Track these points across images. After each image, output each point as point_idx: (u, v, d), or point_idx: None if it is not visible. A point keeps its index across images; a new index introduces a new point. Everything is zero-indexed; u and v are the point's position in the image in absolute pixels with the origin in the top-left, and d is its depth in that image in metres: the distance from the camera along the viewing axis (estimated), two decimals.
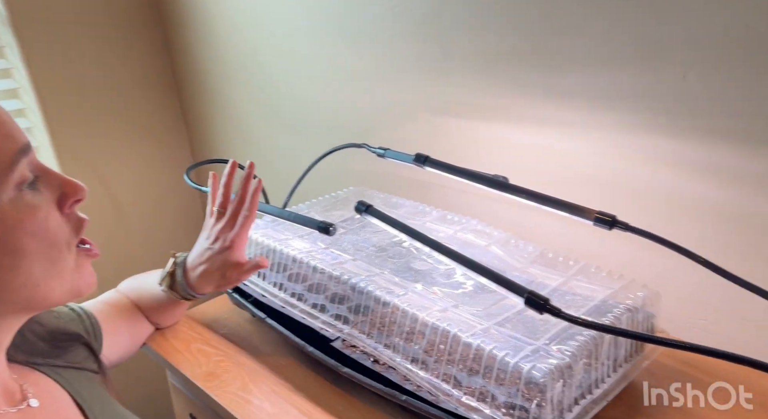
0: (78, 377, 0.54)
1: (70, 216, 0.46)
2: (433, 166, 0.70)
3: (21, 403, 0.45)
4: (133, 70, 1.34)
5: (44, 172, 0.44)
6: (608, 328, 0.45)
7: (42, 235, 0.42)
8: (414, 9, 0.84)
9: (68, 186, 0.45)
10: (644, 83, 0.64)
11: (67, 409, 0.49)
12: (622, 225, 0.53)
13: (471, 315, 0.58)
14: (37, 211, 0.42)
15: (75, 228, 0.46)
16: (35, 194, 0.43)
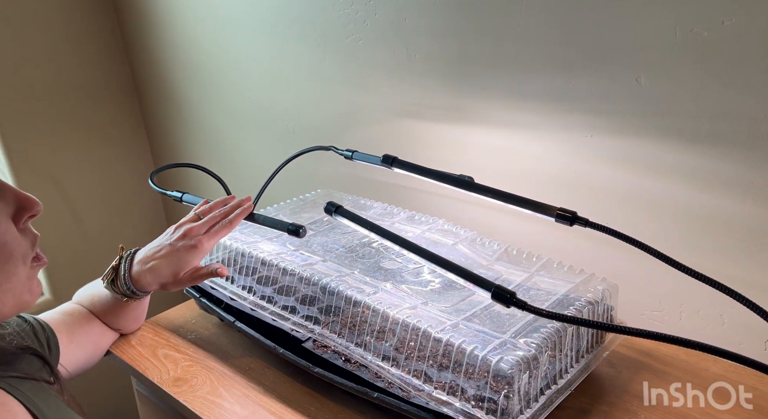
0: (33, 388, 0.52)
1: (25, 231, 0.46)
2: (401, 167, 0.71)
3: None
4: (90, 73, 1.31)
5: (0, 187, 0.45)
6: (572, 319, 0.47)
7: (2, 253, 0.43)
8: (378, 13, 0.86)
9: (24, 201, 0.45)
10: (600, 86, 0.68)
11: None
12: (582, 221, 0.55)
13: (440, 312, 0.59)
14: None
15: (31, 243, 0.46)
16: None
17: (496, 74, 0.76)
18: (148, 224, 1.47)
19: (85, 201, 1.36)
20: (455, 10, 0.77)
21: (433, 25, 0.80)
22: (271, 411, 0.61)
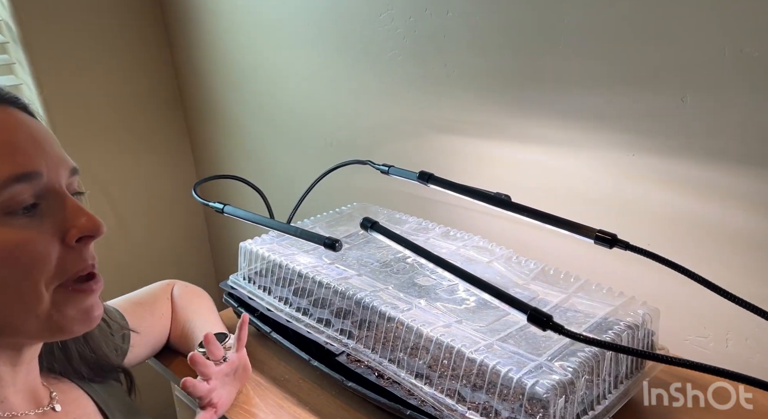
0: (105, 387, 0.55)
1: (77, 251, 0.42)
2: (437, 184, 0.71)
3: (45, 407, 0.47)
4: (139, 86, 1.36)
5: (55, 200, 0.42)
6: (610, 345, 0.46)
7: (13, 263, 0.39)
8: (417, 29, 0.87)
9: (74, 220, 0.41)
10: (643, 105, 0.66)
11: (90, 416, 0.50)
12: (623, 244, 0.54)
13: (474, 331, 0.59)
14: (14, 237, 0.39)
15: (71, 264, 0.42)
16: (29, 221, 0.40)
17: (536, 91, 0.76)
18: (190, 234, 1.52)
19: (130, 209, 1.41)
20: (495, 27, 0.77)
21: (473, 42, 0.81)
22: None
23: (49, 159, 0.42)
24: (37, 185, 0.40)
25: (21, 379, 0.46)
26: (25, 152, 0.40)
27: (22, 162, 0.39)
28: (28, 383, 0.47)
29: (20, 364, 0.46)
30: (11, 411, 0.45)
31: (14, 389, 0.46)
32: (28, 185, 0.39)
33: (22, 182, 0.39)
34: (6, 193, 0.39)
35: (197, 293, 0.77)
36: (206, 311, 0.74)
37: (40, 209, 0.41)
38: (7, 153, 0.39)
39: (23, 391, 0.47)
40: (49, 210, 0.41)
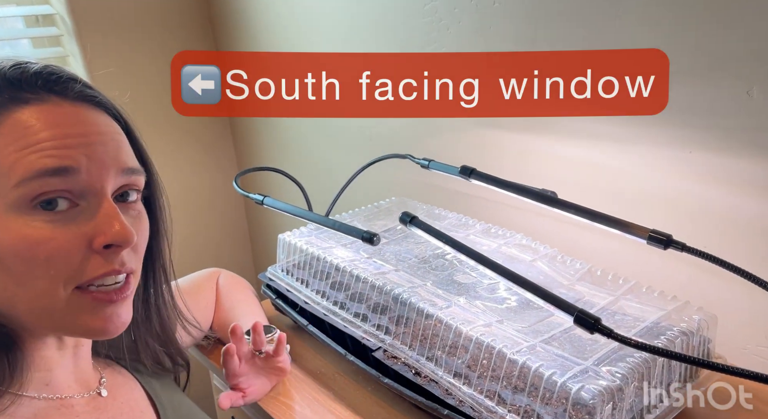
0: (153, 373, 0.56)
1: (102, 256, 0.41)
2: (480, 179, 0.69)
3: (93, 392, 0.48)
4: None
5: (93, 201, 0.41)
6: (663, 351, 0.44)
7: (31, 259, 0.38)
8: (462, 21, 0.85)
9: (105, 226, 0.40)
10: (704, 98, 0.62)
11: (137, 402, 0.51)
12: (679, 245, 0.51)
13: (516, 331, 0.57)
14: (36, 233, 0.38)
15: (93, 268, 0.40)
16: (58, 217, 0.39)
17: None
18: (230, 225, 1.55)
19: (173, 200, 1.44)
20: (543, 18, 0.74)
21: (519, 33, 0.78)
22: (340, 417, 0.61)
23: (95, 158, 0.40)
24: (74, 181, 0.39)
25: (68, 362, 0.47)
26: (66, 147, 0.39)
27: (60, 156, 0.39)
28: (77, 366, 0.48)
29: (65, 348, 0.47)
30: (59, 394, 0.46)
31: (62, 371, 0.46)
32: (62, 179, 0.39)
33: (56, 177, 0.39)
34: (37, 185, 0.38)
35: (242, 284, 0.78)
36: (250, 301, 0.75)
37: (78, 208, 0.40)
38: (49, 146, 0.39)
39: (72, 374, 0.47)
40: (86, 211, 0.40)
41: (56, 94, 0.41)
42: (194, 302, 0.71)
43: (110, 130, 0.43)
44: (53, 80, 0.41)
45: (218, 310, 0.74)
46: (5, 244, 0.38)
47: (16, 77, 0.40)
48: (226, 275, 0.78)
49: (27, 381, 0.43)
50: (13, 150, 0.38)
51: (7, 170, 0.38)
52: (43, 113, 0.40)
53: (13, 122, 0.39)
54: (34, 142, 0.39)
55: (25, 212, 0.38)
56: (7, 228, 0.38)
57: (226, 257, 1.56)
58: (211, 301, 0.75)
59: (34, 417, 0.43)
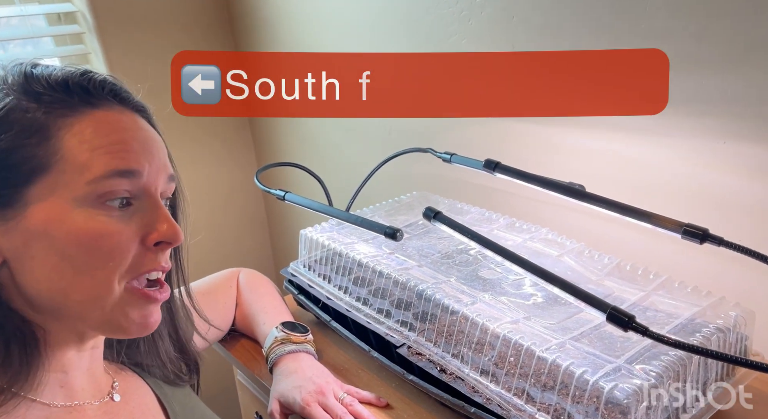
0: (165, 378, 0.56)
1: (153, 253, 0.44)
2: (504, 172, 0.68)
3: (105, 397, 0.48)
4: None
5: (147, 202, 0.44)
6: (699, 349, 0.42)
7: (96, 251, 0.41)
8: (484, 12, 0.83)
9: (158, 224, 0.44)
10: (738, 87, 0.60)
11: (149, 407, 0.51)
12: (716, 239, 0.49)
13: (544, 328, 0.55)
14: (101, 226, 0.41)
15: (145, 263, 0.44)
16: (121, 215, 0.42)
17: None
18: (249, 220, 1.55)
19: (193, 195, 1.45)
20: (568, 8, 0.72)
21: (543, 23, 0.76)
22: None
23: (153, 163, 0.44)
24: (136, 183, 0.43)
25: (85, 365, 0.47)
26: (133, 152, 0.43)
27: (128, 159, 0.42)
28: (90, 370, 0.48)
29: (84, 350, 0.47)
30: (75, 400, 0.46)
31: (78, 373, 0.47)
32: (128, 181, 0.42)
33: (123, 178, 0.42)
34: (107, 184, 0.41)
35: (264, 280, 0.78)
36: (274, 297, 0.75)
37: (132, 207, 0.43)
38: (119, 149, 0.42)
39: (87, 378, 0.48)
40: (139, 210, 0.44)
41: (119, 102, 0.45)
42: (212, 303, 0.71)
43: (159, 138, 0.48)
44: (116, 90, 0.46)
45: (240, 307, 0.74)
46: (71, 234, 0.41)
47: (85, 82, 0.44)
48: (247, 273, 0.78)
49: (42, 382, 0.43)
50: (86, 149, 0.41)
51: (79, 166, 0.41)
52: (111, 118, 0.44)
53: (86, 123, 0.42)
54: (106, 143, 0.42)
55: (90, 206, 0.41)
56: (73, 220, 0.41)
57: (247, 252, 1.56)
58: (232, 300, 0.74)
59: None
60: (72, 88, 0.43)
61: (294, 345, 0.66)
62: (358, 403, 0.61)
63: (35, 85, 0.42)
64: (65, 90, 0.43)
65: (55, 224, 0.40)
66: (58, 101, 0.42)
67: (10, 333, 0.42)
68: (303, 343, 0.67)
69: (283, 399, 0.61)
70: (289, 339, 0.66)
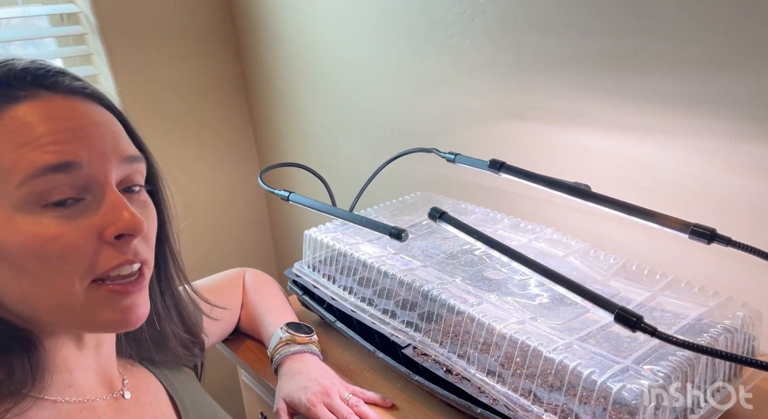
0: (175, 372, 0.56)
1: (115, 247, 0.40)
2: (510, 172, 0.68)
3: (116, 394, 0.48)
4: (207, 75, 1.40)
5: (98, 193, 0.40)
6: (708, 350, 0.42)
7: (45, 257, 0.38)
8: (487, 12, 0.83)
9: (114, 216, 0.40)
10: (744, 87, 0.60)
11: (160, 404, 0.51)
12: (723, 239, 0.49)
13: (551, 329, 0.55)
14: (46, 231, 0.38)
15: (106, 260, 0.40)
16: (67, 213, 0.39)
17: (619, 74, 0.70)
18: (251, 221, 1.55)
19: (195, 196, 1.45)
20: (574, 6, 0.72)
21: (548, 23, 0.76)
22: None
23: (94, 150, 0.40)
24: (78, 175, 0.39)
25: (90, 363, 0.47)
26: (65, 141, 0.39)
27: (59, 151, 0.38)
28: (99, 367, 0.48)
29: (86, 348, 0.46)
30: (82, 397, 0.45)
31: (84, 373, 0.46)
32: (66, 175, 0.38)
33: (60, 172, 0.38)
34: (41, 183, 0.38)
35: (269, 281, 0.77)
36: (279, 297, 0.75)
37: (84, 202, 0.40)
38: (48, 142, 0.38)
39: (95, 375, 0.47)
40: (92, 203, 0.40)
41: (47, 89, 0.40)
42: (220, 301, 0.70)
43: (105, 120, 0.42)
44: (42, 75, 0.40)
45: (245, 307, 0.74)
46: (18, 244, 0.38)
47: (4, 75, 0.39)
48: (253, 273, 0.78)
49: (49, 383, 0.42)
50: (11, 149, 0.38)
51: (8, 170, 0.37)
52: (37, 109, 0.39)
53: (7, 121, 0.38)
54: (32, 138, 0.38)
55: (32, 210, 0.38)
56: (17, 228, 0.38)
57: (249, 253, 1.56)
58: (237, 299, 0.75)
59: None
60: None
61: (299, 345, 0.66)
62: (363, 404, 0.61)
63: None
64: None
65: (0, 237, 0.38)
66: None
67: (6, 341, 0.41)
68: (308, 344, 0.67)
69: (289, 399, 0.61)
70: (293, 339, 0.66)
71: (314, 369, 0.64)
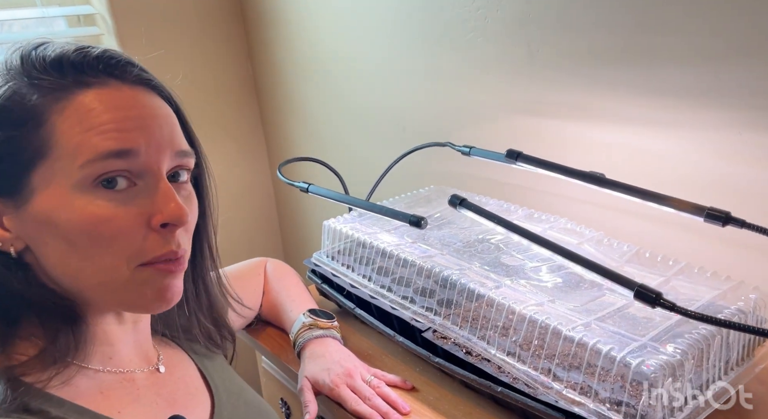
0: (207, 353, 0.58)
1: (161, 235, 0.43)
2: (527, 162, 0.70)
3: (152, 367, 0.50)
4: (220, 75, 1.42)
5: (150, 181, 0.43)
6: (726, 322, 0.44)
7: (97, 237, 0.40)
8: (500, 9, 0.85)
9: (162, 205, 0.42)
10: (752, 79, 0.62)
11: (192, 379, 0.53)
12: (738, 222, 0.51)
13: (569, 310, 0.57)
14: (101, 212, 0.40)
15: (153, 247, 0.42)
16: (120, 197, 0.41)
17: (630, 68, 0.72)
18: (261, 218, 1.57)
19: None
20: (585, 3, 0.74)
21: (560, 19, 0.78)
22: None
23: (152, 140, 0.42)
24: (134, 162, 0.41)
25: (129, 337, 0.49)
26: (126, 130, 0.41)
27: (121, 139, 0.41)
28: (137, 342, 0.50)
29: (124, 323, 0.49)
30: (122, 368, 0.48)
31: (124, 346, 0.48)
32: (123, 161, 0.41)
33: (118, 158, 0.41)
34: (101, 166, 0.40)
35: (289, 271, 0.79)
36: (299, 286, 0.77)
37: (136, 187, 0.42)
38: (110, 129, 0.41)
39: (133, 349, 0.50)
40: (143, 190, 0.42)
41: (115, 78, 0.43)
42: (242, 287, 0.72)
43: (165, 112, 0.45)
44: (113, 64, 0.43)
45: (267, 295, 0.76)
46: (71, 221, 0.40)
47: (79, 61, 0.42)
48: (274, 262, 0.80)
49: (91, 353, 0.45)
50: (77, 132, 0.40)
51: (72, 150, 0.40)
52: (104, 96, 0.42)
53: (77, 105, 0.41)
54: (97, 124, 0.40)
55: (88, 190, 0.41)
56: (72, 206, 0.40)
57: (258, 248, 1.58)
58: (259, 287, 0.76)
59: (98, 389, 0.45)
60: (65, 68, 0.41)
61: (321, 330, 0.68)
62: (385, 385, 0.62)
63: (31, 70, 0.41)
64: (59, 71, 0.41)
65: (57, 212, 0.40)
66: (51, 84, 0.41)
67: (52, 310, 0.43)
68: (330, 329, 0.69)
69: (313, 380, 0.63)
70: (316, 324, 0.68)
71: (336, 353, 0.65)
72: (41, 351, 0.42)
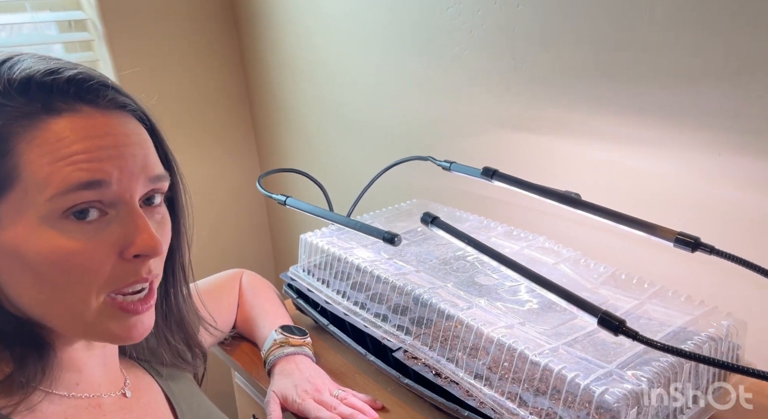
0: (172, 374, 0.57)
1: (133, 264, 0.42)
2: (502, 180, 0.69)
3: (119, 392, 0.49)
4: (211, 81, 1.42)
5: (123, 210, 0.41)
6: (689, 354, 0.43)
7: (67, 270, 0.39)
8: (485, 24, 0.85)
9: (135, 236, 0.41)
10: (733, 101, 0.61)
11: (159, 404, 0.53)
12: (707, 248, 0.50)
13: (538, 334, 0.56)
14: (71, 244, 0.39)
15: (124, 276, 0.42)
16: (92, 229, 0.40)
17: (613, 85, 0.72)
18: (251, 226, 1.56)
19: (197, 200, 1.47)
20: (569, 19, 0.74)
21: (544, 35, 0.77)
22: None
23: (125, 169, 0.41)
24: (106, 192, 0.40)
25: (97, 362, 0.48)
26: (99, 160, 0.40)
27: (91, 169, 0.39)
28: (105, 366, 0.49)
29: (93, 349, 0.48)
30: (89, 392, 0.47)
31: (91, 372, 0.48)
32: (95, 192, 0.39)
33: (90, 189, 0.39)
34: (71, 198, 0.39)
35: (265, 284, 0.78)
36: (274, 301, 0.76)
37: (108, 216, 0.41)
38: (82, 160, 0.39)
39: (102, 374, 0.49)
40: (115, 219, 0.41)
41: (87, 104, 0.41)
42: (217, 302, 0.72)
43: (140, 139, 0.44)
44: (85, 89, 0.41)
45: (241, 308, 0.75)
46: (41, 255, 0.39)
47: (48, 84, 0.40)
48: (250, 275, 0.79)
49: (58, 379, 0.44)
50: (47, 162, 0.38)
51: (41, 181, 0.38)
52: (76, 125, 0.40)
53: (47, 134, 0.39)
54: (68, 154, 0.39)
55: (58, 223, 0.39)
56: (41, 240, 0.39)
57: (248, 256, 1.58)
58: (234, 300, 0.76)
59: (64, 414, 0.44)
60: (33, 92, 0.39)
61: (292, 347, 0.67)
62: (352, 396, 0.62)
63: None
64: (25, 95, 0.39)
65: (25, 246, 0.39)
66: (17, 110, 0.39)
67: (19, 336, 0.42)
68: (301, 346, 0.68)
69: (280, 394, 0.62)
70: (287, 341, 0.67)
71: (307, 369, 0.65)
72: (7, 376, 0.41)
